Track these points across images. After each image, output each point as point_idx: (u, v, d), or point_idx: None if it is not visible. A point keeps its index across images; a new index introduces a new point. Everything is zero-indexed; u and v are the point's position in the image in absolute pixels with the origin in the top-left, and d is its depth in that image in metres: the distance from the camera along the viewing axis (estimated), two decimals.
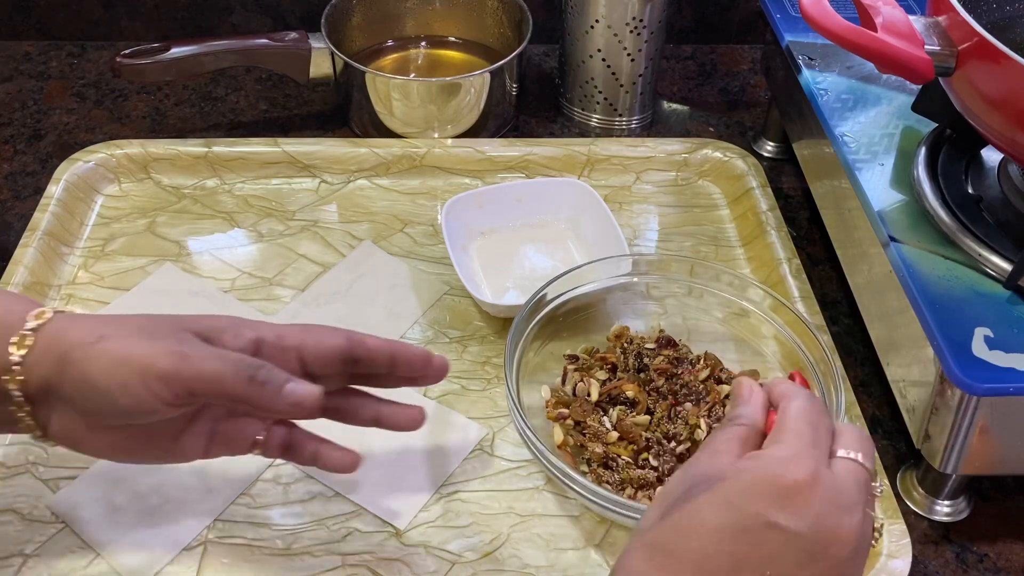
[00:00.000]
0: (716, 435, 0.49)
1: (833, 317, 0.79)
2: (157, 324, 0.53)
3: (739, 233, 0.86)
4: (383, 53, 1.01)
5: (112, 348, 0.51)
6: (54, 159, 0.89)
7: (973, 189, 0.70)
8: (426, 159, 0.89)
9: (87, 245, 0.81)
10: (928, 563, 0.65)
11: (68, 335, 0.52)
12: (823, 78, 0.80)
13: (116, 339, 0.51)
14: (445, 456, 0.68)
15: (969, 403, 0.59)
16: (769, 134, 0.96)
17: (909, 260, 0.65)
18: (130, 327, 0.53)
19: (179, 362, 0.51)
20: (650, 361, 0.70)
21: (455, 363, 0.73)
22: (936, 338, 0.59)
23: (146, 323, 0.53)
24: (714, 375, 0.70)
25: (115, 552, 0.61)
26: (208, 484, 0.65)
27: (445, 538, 0.63)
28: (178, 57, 0.88)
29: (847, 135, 0.75)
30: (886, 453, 0.70)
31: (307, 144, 0.89)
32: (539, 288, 0.70)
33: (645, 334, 0.73)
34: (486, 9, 1.00)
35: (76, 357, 0.51)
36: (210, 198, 0.86)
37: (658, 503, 0.47)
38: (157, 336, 0.52)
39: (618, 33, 0.91)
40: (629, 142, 0.92)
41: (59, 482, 0.65)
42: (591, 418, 0.67)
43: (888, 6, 0.65)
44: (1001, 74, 0.60)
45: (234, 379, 0.51)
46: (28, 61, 1.03)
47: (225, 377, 0.51)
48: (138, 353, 0.51)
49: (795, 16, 0.86)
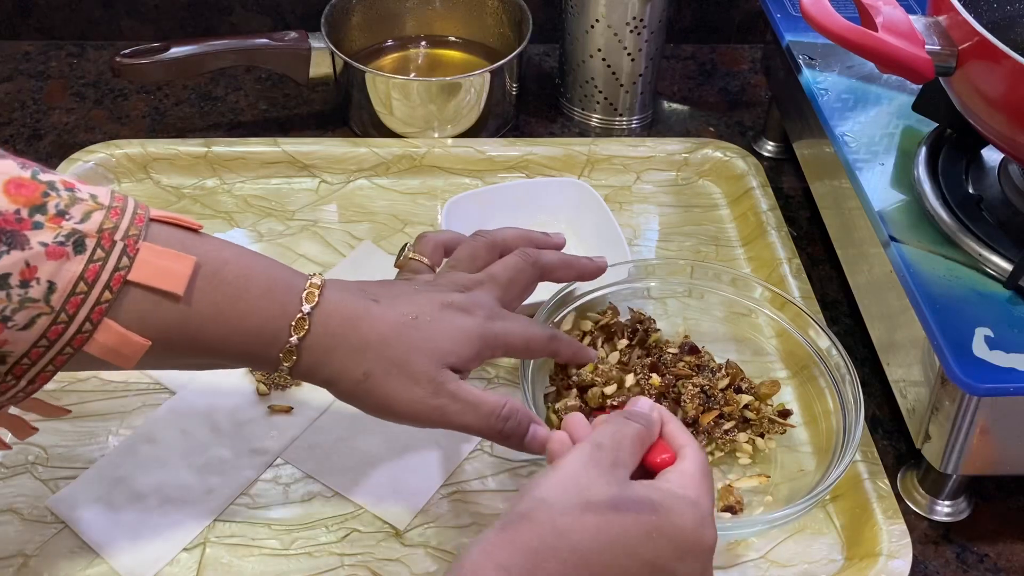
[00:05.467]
0: (620, 424, 0.52)
1: (833, 317, 0.79)
2: (415, 358, 0.55)
3: (739, 233, 0.85)
4: (383, 53, 1.01)
5: (376, 392, 0.55)
6: (54, 159, 0.89)
7: (973, 189, 0.70)
8: (426, 159, 0.89)
9: None
10: (928, 563, 0.65)
11: (332, 360, 0.55)
12: (823, 78, 0.80)
13: (379, 380, 0.55)
14: (445, 456, 0.68)
15: (969, 403, 0.58)
16: (769, 134, 0.96)
17: (909, 260, 0.65)
18: (392, 361, 0.55)
19: (438, 418, 0.55)
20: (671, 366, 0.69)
21: None
22: (936, 338, 0.59)
23: (406, 357, 0.55)
24: (734, 384, 0.69)
25: (115, 552, 0.61)
26: (208, 484, 0.65)
27: (445, 538, 0.63)
28: (178, 57, 0.88)
29: (847, 135, 0.75)
30: (886, 453, 0.70)
31: (307, 144, 0.89)
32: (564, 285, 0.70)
33: (670, 338, 0.73)
34: (486, 9, 1.00)
35: (343, 389, 0.55)
36: (210, 198, 0.86)
37: (572, 483, 0.48)
38: (417, 380, 0.55)
39: (618, 33, 0.91)
40: (629, 142, 0.92)
41: (59, 482, 0.65)
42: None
43: (888, 6, 0.65)
44: (1001, 74, 0.60)
45: (487, 431, 0.56)
46: (28, 61, 1.03)
47: (479, 429, 0.56)
48: (396, 407, 0.55)
49: (795, 16, 0.86)
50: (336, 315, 0.55)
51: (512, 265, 0.62)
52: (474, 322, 0.57)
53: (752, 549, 0.64)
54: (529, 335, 0.60)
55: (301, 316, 0.54)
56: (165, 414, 0.69)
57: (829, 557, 0.64)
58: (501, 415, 0.56)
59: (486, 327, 0.58)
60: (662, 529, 0.48)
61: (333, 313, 0.55)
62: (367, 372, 0.54)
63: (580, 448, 0.50)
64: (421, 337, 0.56)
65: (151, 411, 0.69)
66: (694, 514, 0.49)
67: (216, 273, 0.52)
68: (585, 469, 0.49)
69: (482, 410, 0.56)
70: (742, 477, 0.67)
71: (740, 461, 0.68)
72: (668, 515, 0.48)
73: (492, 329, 0.58)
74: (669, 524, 0.48)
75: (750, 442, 0.68)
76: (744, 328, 0.74)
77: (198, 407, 0.69)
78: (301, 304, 0.54)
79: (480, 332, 0.57)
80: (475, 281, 0.61)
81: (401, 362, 0.55)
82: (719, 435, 0.67)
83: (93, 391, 0.70)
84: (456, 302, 0.58)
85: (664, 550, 0.47)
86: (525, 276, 0.63)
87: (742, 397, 0.68)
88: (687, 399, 0.67)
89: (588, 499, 0.47)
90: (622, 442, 0.51)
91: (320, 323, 0.54)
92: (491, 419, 0.56)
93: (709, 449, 0.67)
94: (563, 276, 0.66)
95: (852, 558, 0.63)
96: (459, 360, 0.56)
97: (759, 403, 0.69)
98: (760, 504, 0.65)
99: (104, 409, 0.69)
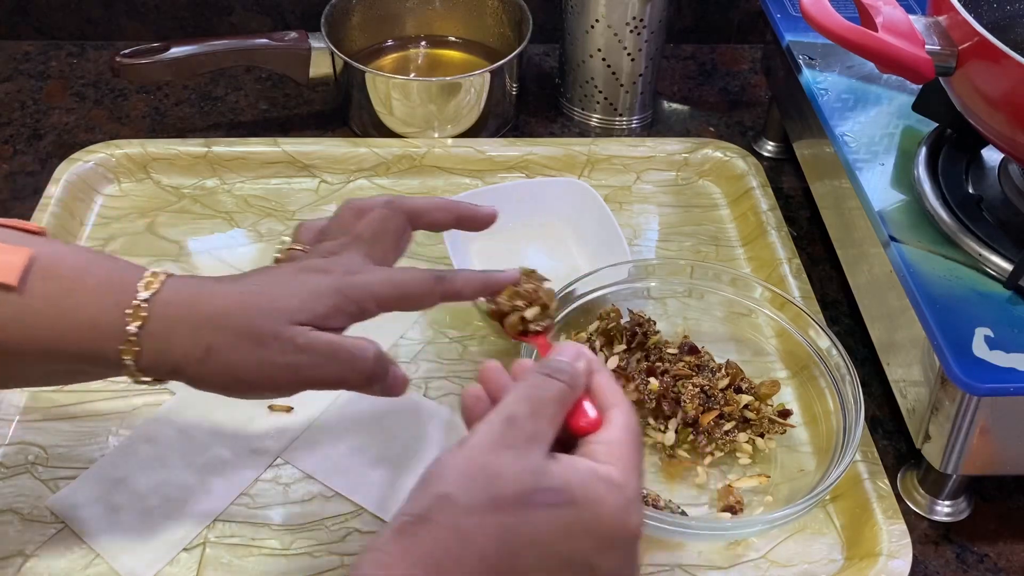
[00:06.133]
0: (539, 384, 0.47)
1: (833, 317, 0.79)
2: (261, 322, 0.51)
3: (739, 233, 0.85)
4: (383, 53, 1.01)
5: (222, 364, 0.51)
6: (54, 159, 0.89)
7: (973, 189, 0.70)
8: (426, 159, 0.89)
9: (87, 245, 0.81)
10: (928, 563, 0.65)
11: (173, 345, 0.51)
12: (823, 78, 0.80)
13: (223, 352, 0.51)
14: None
15: (969, 403, 0.58)
16: (769, 134, 0.96)
17: (909, 260, 0.65)
18: (235, 330, 0.51)
19: (292, 377, 0.52)
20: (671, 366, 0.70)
21: (455, 363, 0.74)
22: (936, 338, 0.59)
23: (250, 322, 0.51)
24: (734, 384, 0.69)
25: (115, 552, 0.61)
26: (208, 484, 0.65)
27: None
28: (178, 57, 0.88)
29: (847, 135, 0.75)
30: (886, 453, 0.70)
31: (307, 144, 0.89)
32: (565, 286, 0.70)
33: (669, 338, 0.73)
34: (486, 9, 1.00)
35: (190, 373, 0.52)
36: (210, 198, 0.86)
37: (481, 474, 0.43)
38: (264, 342, 0.51)
39: (618, 33, 0.91)
40: (629, 142, 0.92)
41: (59, 482, 0.65)
42: None
43: (888, 6, 0.65)
44: (1001, 74, 0.60)
45: (351, 378, 0.53)
46: (28, 61, 1.03)
47: (343, 379, 0.53)
48: (249, 373, 0.51)
49: (795, 16, 0.86)
50: (175, 300, 0.52)
51: (376, 218, 0.58)
52: (329, 278, 0.53)
53: (752, 549, 0.64)
54: (401, 281, 0.55)
55: (138, 304, 0.51)
56: (165, 414, 0.69)
57: (829, 557, 0.64)
58: (363, 368, 0.53)
59: (343, 280, 0.53)
60: (581, 522, 0.43)
61: (172, 299, 0.52)
62: (209, 346, 0.51)
63: (490, 423, 0.45)
64: (266, 300, 0.52)
65: (151, 411, 0.69)
66: (617, 499, 0.44)
67: (52, 267, 0.51)
68: (496, 452, 0.44)
69: (340, 356, 0.52)
70: (742, 477, 0.67)
71: (740, 461, 0.68)
72: (588, 505, 0.43)
73: (351, 281, 0.53)
74: (589, 515, 0.43)
75: (750, 442, 0.68)
76: (744, 328, 0.74)
77: (198, 407, 0.69)
78: (137, 292, 0.51)
79: (336, 286, 0.53)
80: (339, 244, 0.57)
81: (244, 329, 0.51)
82: (719, 435, 0.67)
83: (93, 391, 0.70)
84: (312, 265, 0.55)
85: (583, 544, 0.43)
86: (392, 225, 0.58)
87: (742, 397, 0.68)
88: (687, 399, 0.67)
89: (497, 494, 0.42)
90: (540, 409, 0.45)
91: (159, 310, 0.51)
92: (354, 364, 0.52)
93: (709, 449, 0.67)
94: (439, 219, 0.60)
95: (852, 558, 0.63)
96: (311, 316, 0.52)
97: (759, 403, 0.69)
98: (760, 504, 0.65)
99: (104, 409, 0.69)
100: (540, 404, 0.46)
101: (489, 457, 0.44)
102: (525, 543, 0.42)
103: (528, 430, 0.45)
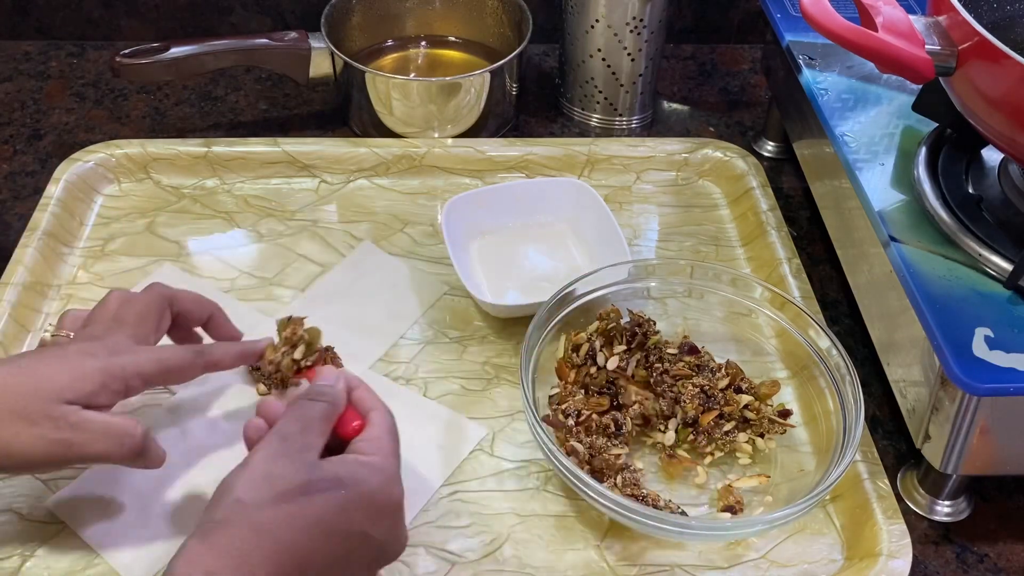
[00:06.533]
0: (305, 407, 0.55)
1: (833, 317, 0.79)
2: (30, 402, 0.54)
3: (739, 233, 0.85)
4: (383, 53, 1.01)
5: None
6: (54, 159, 0.89)
7: (973, 189, 0.70)
8: (426, 159, 0.89)
9: (87, 245, 0.81)
10: (928, 563, 0.65)
11: None
12: (823, 78, 0.80)
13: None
14: (445, 456, 0.68)
15: (969, 403, 0.58)
16: (769, 134, 0.96)
17: (909, 260, 0.65)
18: (6, 409, 0.54)
19: (65, 452, 0.55)
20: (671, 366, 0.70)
21: (455, 363, 0.74)
22: (936, 338, 0.59)
23: (19, 402, 0.54)
24: (734, 384, 0.69)
25: (115, 552, 0.61)
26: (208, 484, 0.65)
27: (445, 538, 0.63)
28: (178, 57, 0.88)
29: (847, 135, 0.75)
30: (886, 453, 0.70)
31: (307, 144, 0.89)
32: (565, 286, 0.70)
33: (669, 338, 0.73)
34: (486, 9, 1.00)
35: None
36: (210, 198, 0.86)
37: (264, 480, 0.51)
38: (34, 420, 0.54)
39: (618, 33, 0.91)
40: (629, 142, 0.92)
41: (59, 482, 0.65)
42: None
43: (888, 6, 0.65)
44: (1001, 74, 0.60)
45: (121, 453, 0.57)
46: (28, 61, 1.03)
47: (112, 454, 0.57)
48: (17, 450, 0.54)
49: (795, 16, 0.86)
50: None
51: (139, 300, 0.63)
52: (94, 360, 0.57)
53: (752, 549, 0.64)
54: (165, 358, 0.60)
55: None
56: (165, 414, 0.69)
57: (829, 557, 0.64)
58: (132, 445, 0.57)
59: (108, 361, 0.57)
60: (352, 500, 0.52)
61: None
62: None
63: (267, 441, 0.53)
64: (34, 381, 0.55)
65: (151, 411, 0.69)
66: (380, 478, 0.53)
67: None
68: (274, 462, 0.52)
69: (112, 433, 0.56)
70: (742, 477, 0.67)
71: (740, 461, 0.68)
72: (356, 486, 0.52)
73: (116, 362, 0.57)
74: (357, 493, 0.52)
75: (750, 442, 0.68)
76: (744, 328, 0.74)
77: (198, 407, 0.69)
78: None
79: (101, 366, 0.57)
80: (104, 328, 0.60)
81: (16, 408, 0.54)
82: (719, 435, 0.67)
83: None
84: (78, 348, 0.58)
85: (358, 517, 0.52)
86: (154, 306, 0.63)
87: (742, 397, 0.68)
88: (687, 399, 0.67)
89: (280, 491, 0.50)
90: (308, 425, 0.54)
91: None
92: (123, 440, 0.56)
93: (709, 449, 0.67)
94: (192, 311, 0.65)
95: (852, 558, 0.63)
96: (79, 395, 0.55)
97: (759, 403, 0.69)
98: (760, 504, 0.65)
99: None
100: (308, 421, 0.55)
101: (269, 466, 0.52)
102: (311, 523, 0.50)
103: (299, 443, 0.53)
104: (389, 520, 0.54)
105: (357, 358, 0.73)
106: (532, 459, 0.68)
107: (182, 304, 0.65)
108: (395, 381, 0.72)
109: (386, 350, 0.74)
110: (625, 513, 0.59)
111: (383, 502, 0.53)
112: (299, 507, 0.50)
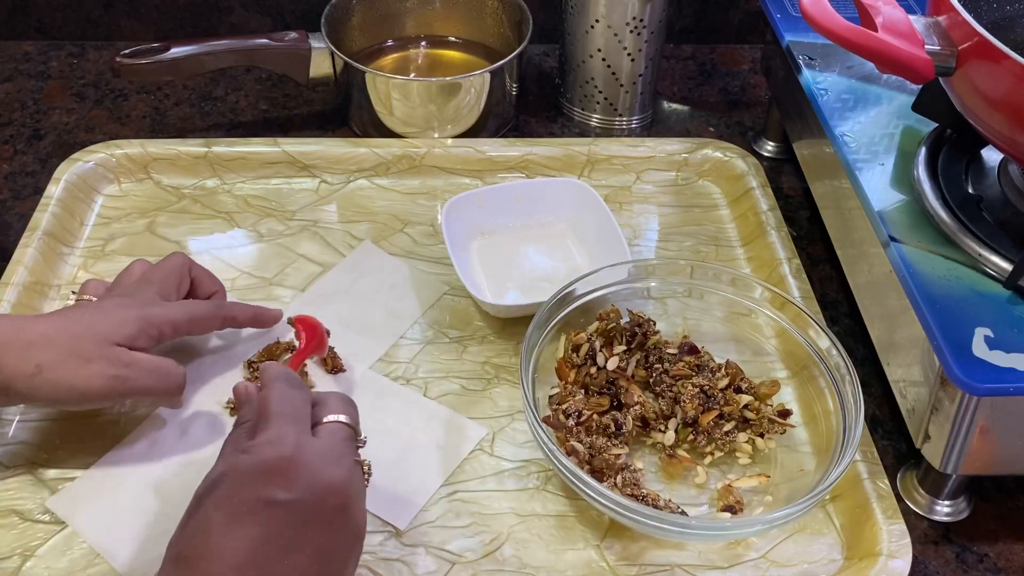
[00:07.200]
0: (227, 439, 0.56)
1: (833, 317, 0.79)
2: (83, 343, 0.61)
3: (739, 233, 0.85)
4: (383, 53, 1.01)
5: (53, 379, 0.60)
6: (54, 159, 0.89)
7: (973, 189, 0.70)
8: (426, 159, 0.89)
9: (87, 245, 0.81)
10: (928, 563, 0.65)
11: (3, 364, 0.59)
12: (823, 78, 0.80)
13: (54, 368, 0.60)
14: (445, 456, 0.68)
15: (969, 403, 0.59)
16: (769, 134, 0.96)
17: (909, 260, 0.65)
18: (61, 350, 0.60)
19: (120, 386, 0.61)
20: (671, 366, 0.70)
21: (455, 363, 0.74)
22: (936, 338, 0.59)
23: (74, 344, 0.60)
24: (734, 384, 0.69)
25: (115, 552, 0.61)
26: None
27: (445, 538, 0.63)
28: (178, 57, 0.88)
29: (847, 135, 0.75)
30: (886, 453, 0.70)
31: (307, 144, 0.89)
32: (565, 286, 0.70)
33: (669, 338, 0.73)
34: (486, 9, 1.00)
35: (20, 388, 0.59)
36: (210, 198, 0.86)
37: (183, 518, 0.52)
38: (91, 359, 0.60)
39: (618, 33, 0.91)
40: (629, 142, 0.92)
41: (59, 482, 0.65)
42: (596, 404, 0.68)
43: (888, 6, 0.65)
44: (1001, 74, 0.60)
45: (165, 389, 0.64)
46: (28, 61, 1.03)
47: (162, 390, 0.64)
48: (80, 384, 0.60)
49: (795, 16, 0.86)
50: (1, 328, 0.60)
51: (162, 265, 0.70)
52: (130, 310, 0.64)
53: (752, 549, 0.64)
54: (190, 311, 0.67)
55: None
56: (165, 414, 0.69)
57: (829, 557, 0.64)
58: (175, 377, 0.64)
59: (143, 311, 0.64)
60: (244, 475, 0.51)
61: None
62: (39, 365, 0.59)
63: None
64: (83, 326, 0.61)
65: (151, 411, 0.69)
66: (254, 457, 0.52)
67: None
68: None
69: (160, 371, 0.63)
70: (742, 477, 0.67)
71: (740, 461, 0.68)
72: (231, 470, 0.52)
73: (150, 311, 0.64)
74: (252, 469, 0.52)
75: (750, 442, 0.68)
76: (744, 328, 0.74)
77: (198, 407, 0.69)
78: None
79: (137, 315, 0.63)
80: (133, 288, 0.68)
81: (71, 349, 0.60)
82: (719, 435, 0.67)
83: None
84: (113, 302, 0.65)
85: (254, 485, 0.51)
86: (176, 270, 0.70)
87: (742, 397, 0.69)
88: (687, 399, 0.67)
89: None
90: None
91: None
92: (169, 378, 0.64)
93: (709, 449, 0.67)
94: (206, 281, 0.72)
95: (852, 558, 0.63)
96: (124, 338, 0.62)
97: (759, 403, 0.69)
98: (760, 504, 0.65)
99: (104, 409, 0.69)
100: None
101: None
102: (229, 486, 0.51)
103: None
104: (289, 476, 0.50)
105: (357, 358, 0.73)
106: (532, 459, 0.68)
107: (197, 271, 0.72)
108: (395, 381, 0.72)
109: (386, 350, 0.74)
110: (625, 513, 0.59)
111: (269, 464, 0.50)
112: (195, 520, 0.51)
